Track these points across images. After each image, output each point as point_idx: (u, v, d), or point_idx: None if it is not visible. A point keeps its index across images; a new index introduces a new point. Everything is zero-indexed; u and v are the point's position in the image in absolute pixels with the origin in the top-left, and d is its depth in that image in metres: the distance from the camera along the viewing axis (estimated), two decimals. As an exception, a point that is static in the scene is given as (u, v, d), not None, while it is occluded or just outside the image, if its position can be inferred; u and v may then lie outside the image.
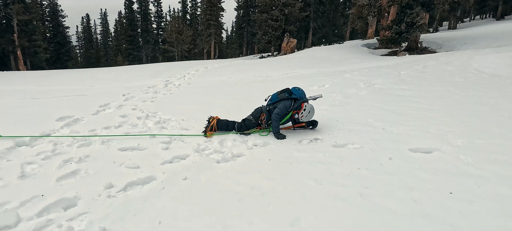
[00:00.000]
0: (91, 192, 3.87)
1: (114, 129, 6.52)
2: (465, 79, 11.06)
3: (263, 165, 4.71)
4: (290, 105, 6.13)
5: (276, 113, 6.03)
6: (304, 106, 6.11)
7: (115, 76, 16.94)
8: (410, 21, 22.56)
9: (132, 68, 22.65)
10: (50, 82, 15.04)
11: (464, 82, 10.61)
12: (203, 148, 5.46)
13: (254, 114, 6.40)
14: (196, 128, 6.54)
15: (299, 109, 6.16)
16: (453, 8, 45.07)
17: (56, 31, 59.18)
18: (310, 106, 6.14)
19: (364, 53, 25.10)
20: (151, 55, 68.39)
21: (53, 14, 60.06)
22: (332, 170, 4.43)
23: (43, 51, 45.68)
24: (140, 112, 7.96)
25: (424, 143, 5.33)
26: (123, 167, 4.60)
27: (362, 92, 9.91)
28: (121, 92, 10.74)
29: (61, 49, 58.14)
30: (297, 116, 6.20)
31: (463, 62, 13.85)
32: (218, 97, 9.89)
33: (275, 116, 6.01)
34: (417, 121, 6.67)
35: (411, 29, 22.76)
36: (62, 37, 59.79)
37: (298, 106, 6.18)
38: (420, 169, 4.38)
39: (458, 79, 11.08)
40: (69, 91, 11.37)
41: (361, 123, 6.65)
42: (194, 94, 10.59)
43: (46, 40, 53.01)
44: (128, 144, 5.59)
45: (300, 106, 6.17)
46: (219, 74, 16.81)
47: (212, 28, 54.30)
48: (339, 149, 5.28)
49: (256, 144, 5.65)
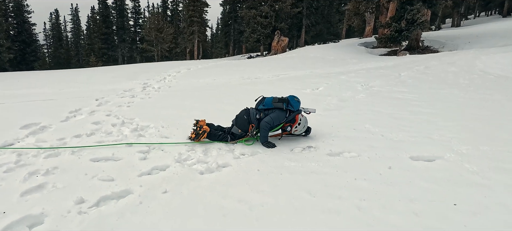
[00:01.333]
0: (60, 208, 3.82)
1: (86, 137, 6.45)
2: (469, 81, 11.23)
3: (251, 176, 4.70)
4: (284, 117, 6.11)
5: (267, 122, 5.97)
6: (299, 119, 6.12)
7: (87, 79, 16.77)
8: (410, 18, 22.85)
9: (107, 70, 22.45)
10: (14, 85, 14.84)
11: (468, 84, 10.77)
12: (185, 157, 5.44)
13: (241, 124, 6.27)
14: (177, 136, 6.51)
15: (293, 122, 6.16)
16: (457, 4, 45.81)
17: (21, 28, 58.40)
18: (305, 120, 6.18)
19: (361, 53, 25.33)
20: (128, 55, 67.99)
21: (18, 10, 59.22)
22: (326, 181, 4.44)
23: (6, 51, 45.12)
24: (115, 118, 7.88)
25: (426, 150, 5.39)
26: (96, 180, 4.55)
27: (359, 96, 9.99)
28: (94, 97, 10.63)
29: (26, 49, 57.40)
30: (289, 128, 6.21)
31: (468, 62, 14.07)
32: (201, 102, 9.86)
33: (265, 124, 5.96)
34: (419, 126, 6.74)
35: (412, 27, 23.04)
36: (27, 35, 59.01)
37: (293, 119, 6.18)
38: (422, 178, 4.42)
39: (462, 81, 11.24)
40: (36, 95, 11.23)
41: (358, 129, 6.69)
42: (175, 98, 10.55)
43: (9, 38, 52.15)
44: (101, 154, 5.53)
45: (295, 119, 6.17)
46: (203, 76, 16.76)
47: (195, 26, 54.20)
48: (334, 158, 5.30)
49: (243, 153, 5.64)
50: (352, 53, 24.80)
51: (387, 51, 26.13)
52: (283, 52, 33.61)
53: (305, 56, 24.45)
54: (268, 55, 35.39)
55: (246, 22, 40.86)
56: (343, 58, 22.06)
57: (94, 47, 67.15)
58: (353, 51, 26.08)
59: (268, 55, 35.39)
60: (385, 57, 22.24)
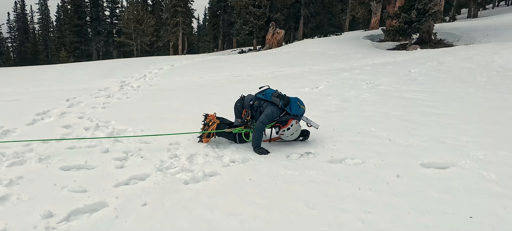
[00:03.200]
0: (25, 223, 3.79)
1: (55, 143, 6.40)
2: (487, 78, 11.29)
3: (243, 186, 4.69)
4: (277, 115, 6.13)
5: (261, 121, 6.03)
6: (291, 124, 6.10)
7: (57, 77, 16.70)
8: (422, 8, 22.93)
9: (79, 66, 22.35)
10: (-26, 84, 14.72)
11: (486, 83, 10.83)
12: (168, 165, 5.42)
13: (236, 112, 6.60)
14: (159, 140, 6.49)
15: (284, 125, 6.15)
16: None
17: (-20, 19, 58.05)
18: (296, 128, 6.15)
19: (366, 47, 25.41)
20: (103, 49, 67.68)
21: (-22, -1, 58.92)
22: (327, 191, 4.45)
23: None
24: (89, 121, 7.86)
25: (439, 157, 5.42)
26: (66, 191, 4.52)
27: (364, 95, 10.03)
28: (65, 97, 10.58)
29: (-13, 43, 57.07)
30: (277, 129, 6.24)
31: (486, 58, 14.14)
32: (186, 102, 9.85)
33: (259, 125, 6.02)
34: (430, 129, 6.78)
35: (423, 18, 23.10)
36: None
37: (285, 121, 6.18)
38: (434, 188, 4.44)
39: (480, 79, 11.30)
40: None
41: (363, 133, 6.72)
42: (157, 99, 10.53)
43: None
44: (72, 161, 5.50)
45: (287, 121, 6.16)
46: (188, 73, 16.74)
47: (180, 16, 54.11)
48: (336, 165, 5.32)
49: (233, 159, 5.65)
50: (356, 48, 24.87)
51: (395, 45, 26.23)
52: (278, 46, 33.65)
53: (303, 51, 24.50)
54: (262, 49, 35.43)
55: (237, 12, 40.82)
56: (346, 53, 22.13)
57: (65, 40, 66.74)
58: (357, 45, 26.16)
59: (262, 49, 35.43)
60: (393, 52, 22.33)
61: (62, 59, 56.22)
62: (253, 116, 6.44)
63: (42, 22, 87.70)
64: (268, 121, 6.06)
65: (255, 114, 6.41)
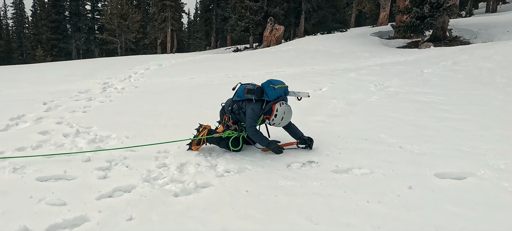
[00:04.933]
0: (-3, 240, 3.78)
1: (31, 150, 6.40)
2: (508, 79, 11.31)
3: (238, 198, 4.68)
4: (259, 110, 6.15)
5: (249, 126, 6.10)
6: (276, 109, 6.03)
7: (33, 77, 16.66)
8: (435, 2, 22.98)
9: (57, 66, 22.32)
10: None
11: (507, 84, 10.85)
12: (156, 175, 5.39)
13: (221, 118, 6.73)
14: (146, 148, 6.46)
15: (270, 114, 6.11)
16: (492, -16, 46.33)
17: None
18: (283, 110, 6.04)
19: (374, 45, 25.48)
20: (84, 47, 67.69)
21: None
22: (332, 204, 4.44)
23: None
24: (68, 127, 7.84)
25: (455, 166, 5.42)
26: (44, 204, 4.49)
27: (372, 98, 10.05)
28: (41, 100, 10.54)
29: (-45, 40, 56.99)
30: (267, 121, 6.23)
31: (506, 57, 14.17)
32: (176, 106, 9.85)
33: (250, 131, 6.10)
34: (446, 136, 6.80)
35: (437, 13, 23.15)
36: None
37: (269, 110, 6.15)
38: (450, 201, 4.43)
39: (500, 80, 11.33)
40: (-33, 98, 11.12)
41: (371, 139, 6.73)
42: (143, 102, 10.52)
43: None
44: (50, 171, 5.47)
45: (271, 109, 6.12)
46: (178, 74, 16.73)
47: (168, 11, 54.17)
48: (342, 176, 5.31)
49: (228, 169, 5.63)
50: (363, 45, 24.93)
51: (406, 42, 26.32)
52: (277, 44, 33.71)
53: (305, 49, 24.54)
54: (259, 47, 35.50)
55: (231, 6, 40.94)
56: (352, 52, 22.18)
57: (42, 38, 66.74)
58: (364, 43, 26.22)
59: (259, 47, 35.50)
60: (404, 50, 22.39)
61: (39, 58, 56.17)
62: (241, 119, 6.44)
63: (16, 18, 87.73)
64: (254, 120, 6.11)
65: (240, 117, 6.43)
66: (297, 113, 7.89)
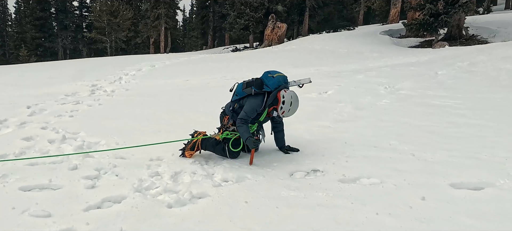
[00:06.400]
0: (-24, 255, 3.77)
1: (14, 157, 6.40)
2: (529, 81, 11.34)
3: (237, 210, 4.66)
4: (261, 104, 6.13)
5: (241, 118, 6.09)
6: (282, 95, 6.01)
7: (16, 79, 16.68)
8: (450, -2, 23.01)
9: (42, 67, 22.36)
10: None
11: (527, 86, 10.87)
12: (148, 185, 5.39)
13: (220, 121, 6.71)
14: (137, 155, 6.48)
15: (277, 103, 6.07)
16: (511, -21, 46.36)
17: None
18: (290, 94, 6.03)
19: (384, 45, 25.49)
20: (71, 47, 67.82)
21: None
22: (338, 217, 4.42)
23: None
24: (54, 132, 7.85)
25: (472, 175, 5.39)
26: (27, 216, 4.47)
27: (381, 102, 10.05)
28: (25, 103, 10.56)
29: None
30: (276, 113, 6.16)
31: (527, 57, 14.20)
32: (170, 110, 9.87)
33: (239, 123, 6.07)
34: (462, 142, 6.78)
35: (453, 9, 23.12)
36: None
37: (275, 100, 6.11)
38: (466, 213, 4.40)
39: (520, 82, 11.34)
40: None
41: (381, 146, 6.72)
42: (135, 106, 10.54)
43: None
44: (34, 180, 5.46)
45: (277, 98, 6.09)
46: (172, 76, 16.75)
47: (162, 8, 54.24)
48: (349, 186, 5.30)
49: (226, 178, 5.62)
50: (372, 45, 24.94)
51: (419, 42, 26.34)
52: (279, 44, 33.73)
53: (309, 49, 24.56)
54: (259, 47, 35.54)
55: (230, 3, 41.00)
56: (360, 52, 22.19)
57: (26, 36, 66.77)
58: (373, 42, 26.23)
59: (259, 47, 35.54)
60: (417, 50, 22.40)
61: (22, 58, 56.23)
62: None
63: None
64: (249, 115, 6.10)
65: None
66: (300, 118, 7.91)
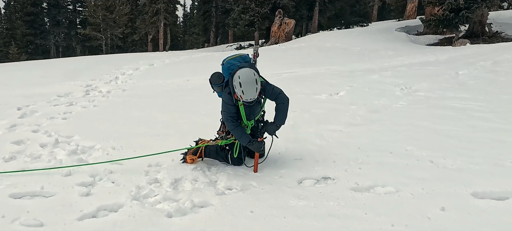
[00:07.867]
0: (-37, 268, 3.78)
1: (3, 162, 6.43)
2: (557, 82, 11.30)
3: (242, 220, 4.67)
4: (230, 98, 5.94)
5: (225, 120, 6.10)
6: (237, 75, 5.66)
7: (6, 79, 16.74)
8: (472, -8, 22.94)
9: (34, 66, 22.43)
10: None
11: (556, 88, 10.83)
12: (146, 193, 5.39)
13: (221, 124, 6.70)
14: (135, 161, 6.44)
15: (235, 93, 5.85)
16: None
17: None
18: (238, 75, 5.66)
19: (400, 42, 25.45)
20: (64, 44, 67.96)
21: None
22: (350, 228, 4.42)
23: None
24: (46, 136, 7.87)
25: (496, 184, 5.36)
26: (18, 225, 4.50)
27: (397, 104, 10.03)
28: (15, 104, 10.60)
29: None
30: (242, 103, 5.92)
31: (555, 56, 14.17)
32: (169, 112, 9.89)
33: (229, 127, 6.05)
34: (485, 148, 6.75)
35: (474, 4, 22.98)
36: None
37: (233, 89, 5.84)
38: (490, 224, 4.39)
39: (548, 83, 11.31)
40: None
41: (397, 152, 6.70)
42: (132, 108, 10.57)
43: None
44: (25, 186, 5.48)
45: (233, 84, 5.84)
46: (172, 75, 16.77)
47: (161, 3, 54.31)
48: (362, 195, 5.28)
49: (230, 186, 5.61)
50: (387, 42, 24.91)
51: (438, 39, 26.30)
52: (287, 41, 33.73)
53: (319, 47, 24.56)
54: (265, 44, 35.52)
55: (234, -3, 40.97)
56: (374, 50, 22.17)
57: (16, 33, 66.91)
58: (388, 39, 26.20)
59: (265, 44, 35.52)
60: (436, 48, 22.36)
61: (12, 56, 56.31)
62: None
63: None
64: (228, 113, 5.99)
65: None
66: (310, 122, 7.91)
